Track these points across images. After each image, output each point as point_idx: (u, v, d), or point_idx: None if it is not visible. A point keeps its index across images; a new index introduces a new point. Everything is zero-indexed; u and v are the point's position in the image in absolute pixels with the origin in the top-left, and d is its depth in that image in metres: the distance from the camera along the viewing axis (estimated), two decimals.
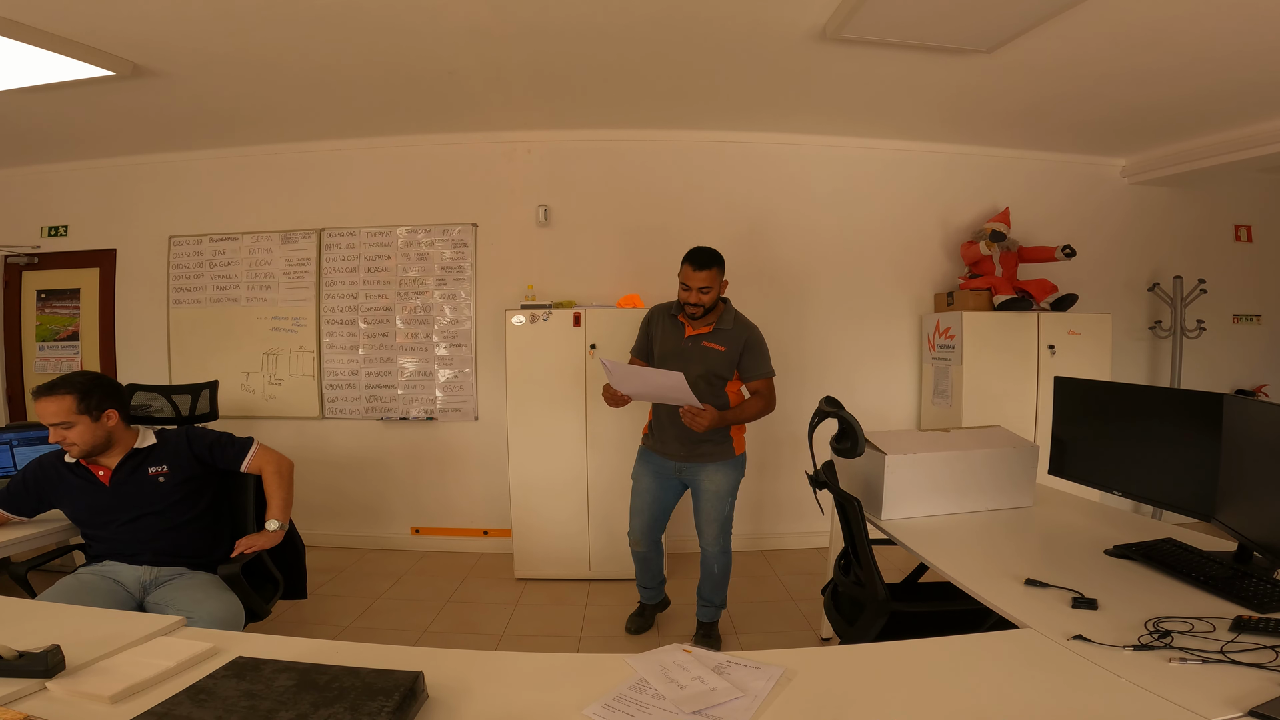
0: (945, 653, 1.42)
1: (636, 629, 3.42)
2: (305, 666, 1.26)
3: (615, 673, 1.33)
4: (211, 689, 1.21)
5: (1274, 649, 1.32)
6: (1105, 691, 1.23)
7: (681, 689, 1.27)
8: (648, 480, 3.22)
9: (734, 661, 1.37)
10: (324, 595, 3.95)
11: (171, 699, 1.18)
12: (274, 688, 1.19)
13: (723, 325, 3.05)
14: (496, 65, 3.52)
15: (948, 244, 4.86)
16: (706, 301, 2.97)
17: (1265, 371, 5.27)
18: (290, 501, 2.57)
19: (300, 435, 4.78)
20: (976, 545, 2.18)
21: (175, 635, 1.52)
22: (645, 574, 3.41)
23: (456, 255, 4.68)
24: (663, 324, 3.17)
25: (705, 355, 3.02)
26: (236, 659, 1.31)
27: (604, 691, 1.25)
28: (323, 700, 1.15)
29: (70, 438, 2.28)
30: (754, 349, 3.05)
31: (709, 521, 3.13)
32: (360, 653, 1.40)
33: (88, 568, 2.35)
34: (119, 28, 2.97)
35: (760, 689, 1.26)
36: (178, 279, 4.86)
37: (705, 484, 3.10)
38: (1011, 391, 4.37)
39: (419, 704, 1.20)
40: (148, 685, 1.27)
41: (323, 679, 1.22)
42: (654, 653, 1.41)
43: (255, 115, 4.19)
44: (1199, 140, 4.47)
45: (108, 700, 1.21)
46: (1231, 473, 1.83)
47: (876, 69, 3.51)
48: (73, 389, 2.27)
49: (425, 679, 1.23)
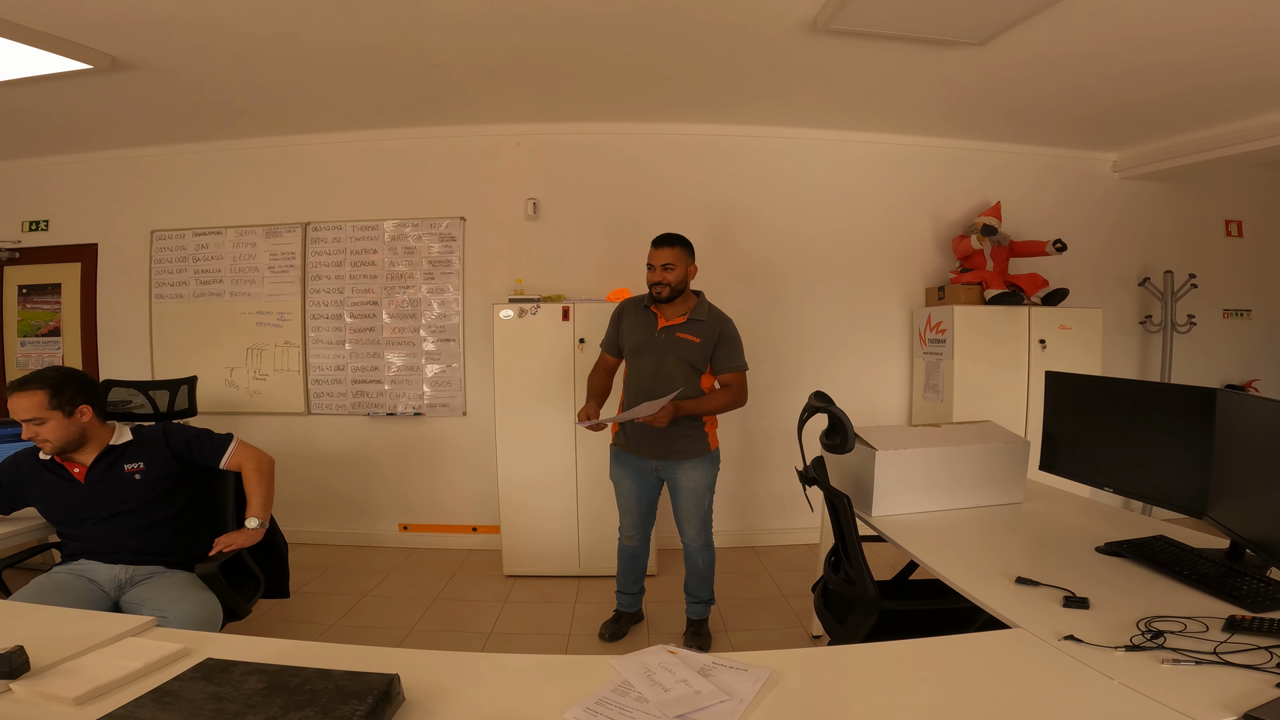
0: (934, 654, 1.39)
1: (611, 636, 3.33)
2: (276, 668, 1.23)
3: (598, 675, 1.30)
4: (177, 691, 1.18)
5: (1268, 649, 1.30)
6: (1097, 694, 1.21)
7: (666, 692, 1.23)
8: (628, 482, 3.19)
9: (720, 663, 1.34)
10: (310, 593, 3.91)
11: (134, 701, 1.15)
12: (242, 690, 1.16)
13: (696, 316, 3.03)
14: (483, 57, 3.47)
15: (939, 238, 4.84)
16: (671, 279, 2.95)
17: (1256, 366, 5.29)
18: (271, 499, 2.52)
19: (286, 431, 4.73)
20: (967, 542, 2.15)
21: (146, 636, 1.48)
22: (629, 575, 3.36)
23: (444, 249, 4.63)
24: (634, 315, 3.14)
25: (679, 346, 2.99)
26: (205, 660, 1.28)
27: (586, 694, 1.23)
28: (293, 703, 1.11)
29: (42, 434, 2.23)
30: (727, 342, 3.02)
31: (689, 518, 3.12)
32: (336, 654, 1.37)
33: (62, 566, 2.31)
34: (96, 20, 2.92)
35: (746, 691, 1.23)
36: (160, 274, 4.79)
37: (683, 481, 3.08)
38: (1002, 386, 4.37)
39: (394, 707, 1.17)
40: (113, 687, 1.24)
41: (294, 681, 1.18)
42: (638, 654, 1.38)
43: (238, 109, 4.13)
44: (1190, 135, 4.46)
45: (71, 702, 1.19)
46: (1224, 469, 1.81)
47: (868, 61, 3.48)
48: (44, 384, 2.22)
49: (402, 681, 1.20)
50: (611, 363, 3.23)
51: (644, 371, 3.03)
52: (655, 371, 2.99)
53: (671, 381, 2.91)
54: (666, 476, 3.12)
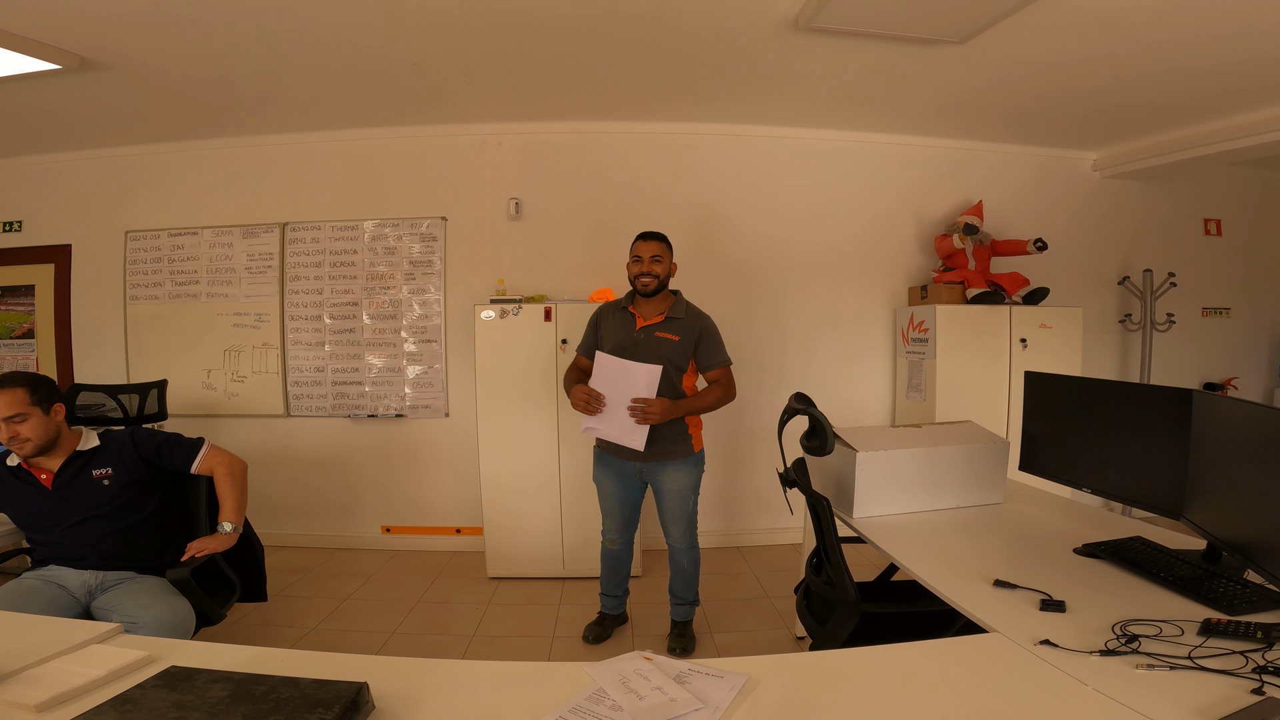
0: (911, 660, 1.38)
1: (595, 638, 3.31)
2: (242, 676, 1.21)
3: (573, 682, 1.29)
4: (139, 699, 1.16)
5: (1243, 654, 1.30)
6: (1071, 700, 1.20)
7: (640, 700, 1.22)
8: (611, 484, 3.18)
9: (696, 670, 1.33)
10: (291, 596, 3.86)
11: (96, 709, 1.14)
12: (206, 699, 1.15)
13: (674, 315, 3.03)
14: (463, 56, 3.44)
15: (922, 237, 4.85)
16: (659, 271, 2.99)
17: (1234, 364, 5.34)
18: (244, 503, 2.48)
19: (265, 433, 4.68)
20: (947, 544, 2.15)
21: (111, 643, 1.46)
22: (613, 578, 3.35)
23: (425, 249, 4.59)
24: (612, 318, 3.14)
25: (659, 345, 2.97)
26: (169, 668, 1.26)
27: (561, 702, 1.22)
28: (257, 712, 1.10)
29: (24, 432, 2.19)
30: (709, 338, 3.03)
31: (674, 520, 3.12)
32: (306, 662, 1.35)
33: (32, 572, 2.27)
34: (65, 19, 2.87)
35: (722, 699, 1.22)
36: (135, 275, 4.72)
37: (667, 484, 3.07)
38: (984, 385, 4.39)
39: (363, 715, 1.15)
40: (75, 694, 1.24)
41: (259, 690, 1.17)
42: (614, 661, 1.37)
43: (214, 108, 4.07)
44: (1170, 135, 4.49)
45: (33, 709, 1.18)
46: (1200, 470, 1.81)
47: (850, 60, 3.48)
48: (23, 382, 2.22)
49: (373, 689, 1.18)
50: (587, 365, 3.14)
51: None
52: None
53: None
54: (650, 479, 3.10)
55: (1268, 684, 1.18)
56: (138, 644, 1.46)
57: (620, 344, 3.02)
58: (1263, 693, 1.16)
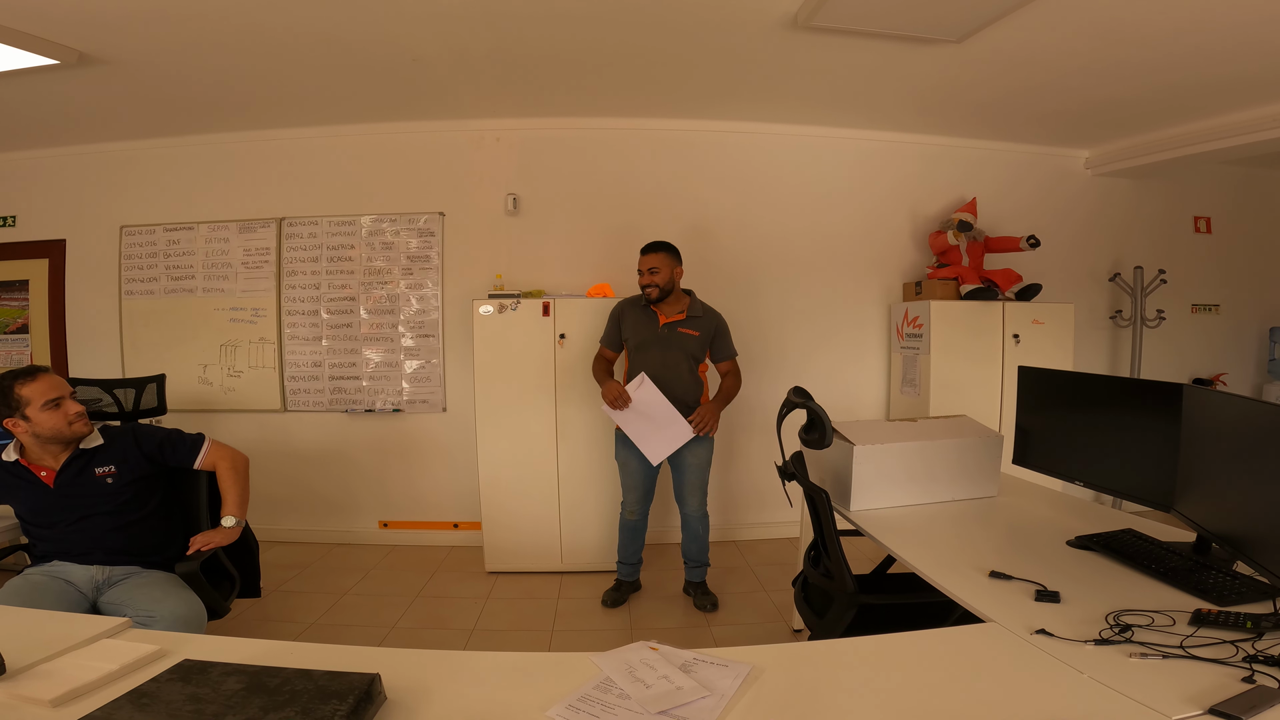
0: (910, 649, 1.41)
1: (613, 602, 3.64)
2: (255, 669, 1.22)
3: (580, 672, 1.31)
4: (154, 693, 1.16)
5: (1233, 644, 1.33)
6: (1067, 688, 1.23)
7: (647, 688, 1.24)
8: (634, 462, 3.54)
9: (701, 659, 1.35)
10: (289, 591, 3.87)
11: (112, 703, 1.14)
12: (221, 691, 1.15)
13: (694, 313, 3.50)
14: (462, 51, 3.44)
15: (917, 234, 4.89)
16: (659, 281, 3.41)
17: (1223, 360, 5.40)
18: (247, 497, 2.49)
19: (261, 428, 4.68)
20: (943, 536, 2.19)
21: (121, 637, 1.47)
22: (631, 546, 3.69)
23: (423, 244, 4.60)
24: (634, 314, 3.54)
25: (682, 340, 3.46)
26: (183, 661, 1.26)
27: (569, 691, 1.23)
28: (272, 704, 1.10)
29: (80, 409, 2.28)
30: (724, 334, 3.57)
31: (693, 490, 3.54)
32: (317, 654, 1.36)
33: (36, 568, 2.27)
34: (63, 14, 2.86)
35: (727, 687, 1.24)
36: (130, 270, 4.71)
37: (689, 459, 3.50)
38: (978, 380, 4.43)
39: (376, 707, 1.16)
40: (90, 689, 1.23)
41: (273, 682, 1.17)
42: (620, 651, 1.39)
43: (210, 103, 4.06)
44: (1161, 133, 4.54)
45: (48, 704, 1.18)
46: (1190, 464, 1.85)
47: (848, 58, 3.50)
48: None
49: (383, 681, 1.19)
50: (611, 356, 3.64)
51: (650, 363, 3.44)
52: (661, 362, 3.44)
53: (676, 370, 3.43)
54: (672, 457, 3.48)
55: (1258, 672, 1.21)
56: (147, 638, 1.47)
57: (645, 339, 3.47)
58: (1253, 681, 1.19)
